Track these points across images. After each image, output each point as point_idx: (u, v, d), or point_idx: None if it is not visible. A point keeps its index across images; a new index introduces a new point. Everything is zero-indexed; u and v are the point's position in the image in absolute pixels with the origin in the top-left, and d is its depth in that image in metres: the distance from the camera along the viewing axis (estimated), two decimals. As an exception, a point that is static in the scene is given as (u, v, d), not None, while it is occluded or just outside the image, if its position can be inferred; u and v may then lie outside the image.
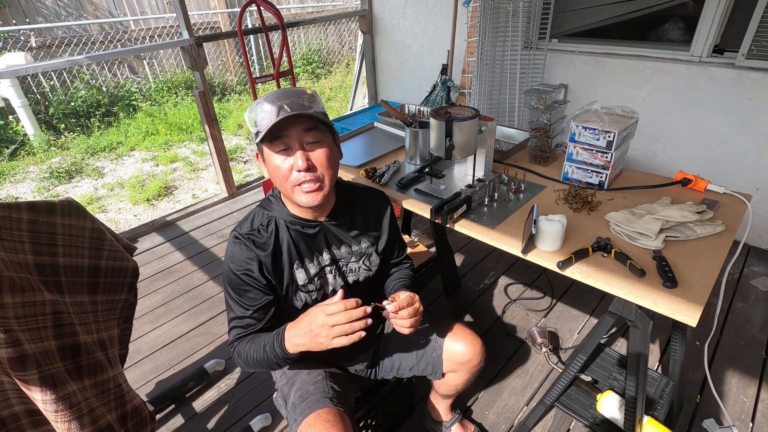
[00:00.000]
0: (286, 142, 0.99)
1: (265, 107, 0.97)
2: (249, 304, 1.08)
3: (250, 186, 3.46)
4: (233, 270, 1.06)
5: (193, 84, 5.74)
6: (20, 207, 0.96)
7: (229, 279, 1.07)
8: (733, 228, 1.20)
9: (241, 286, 1.06)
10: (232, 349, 1.10)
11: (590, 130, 1.34)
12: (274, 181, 1.05)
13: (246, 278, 1.05)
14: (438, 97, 2.93)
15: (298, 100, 0.98)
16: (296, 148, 0.99)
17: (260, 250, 1.05)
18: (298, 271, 1.10)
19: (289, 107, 0.96)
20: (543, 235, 1.13)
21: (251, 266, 1.05)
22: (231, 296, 1.09)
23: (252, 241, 1.06)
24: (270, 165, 1.02)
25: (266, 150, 1.01)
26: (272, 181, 1.05)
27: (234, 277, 1.06)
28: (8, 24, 4.91)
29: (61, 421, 0.87)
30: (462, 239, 2.64)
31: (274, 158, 1.01)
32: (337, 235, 1.14)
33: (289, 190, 1.03)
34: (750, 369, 1.77)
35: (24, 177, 4.03)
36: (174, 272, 2.53)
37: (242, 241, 1.06)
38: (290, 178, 1.00)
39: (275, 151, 1.00)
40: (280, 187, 1.05)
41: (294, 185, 1.01)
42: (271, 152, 1.00)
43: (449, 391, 1.33)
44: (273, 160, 1.01)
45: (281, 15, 2.72)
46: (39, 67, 2.56)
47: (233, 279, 1.07)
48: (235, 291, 1.08)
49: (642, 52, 2.48)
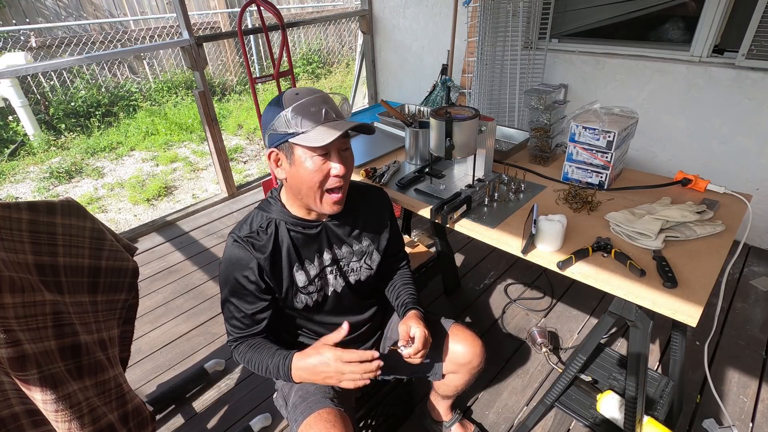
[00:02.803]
0: (328, 148, 0.98)
1: (306, 110, 0.95)
2: (247, 307, 1.08)
3: (250, 186, 3.46)
4: (231, 273, 1.05)
5: (193, 84, 5.74)
6: (20, 207, 0.96)
7: (227, 282, 1.07)
8: (733, 228, 1.20)
9: (240, 290, 1.06)
10: (232, 348, 1.11)
11: (590, 130, 1.34)
12: (302, 185, 1.01)
13: (244, 281, 1.05)
14: (438, 97, 2.93)
15: (335, 106, 1.01)
16: (335, 155, 0.99)
17: (259, 252, 1.04)
18: (298, 273, 1.09)
19: (332, 112, 0.98)
20: (543, 235, 1.13)
21: (250, 270, 1.04)
22: (228, 298, 1.08)
23: (251, 244, 1.04)
24: (302, 168, 0.98)
25: (302, 153, 0.97)
26: (296, 185, 1.02)
27: (232, 280, 1.06)
28: (8, 24, 4.91)
29: (61, 420, 0.87)
30: (462, 239, 2.64)
31: (310, 162, 0.98)
32: (338, 235, 1.14)
33: (317, 195, 1.02)
34: (750, 369, 1.77)
35: (24, 177, 4.03)
36: (174, 272, 2.53)
37: (241, 244, 1.04)
38: (325, 183, 1.01)
39: (312, 155, 0.97)
40: (308, 191, 1.01)
41: (325, 191, 1.02)
42: (307, 156, 0.97)
43: (449, 391, 1.32)
44: (308, 164, 0.98)
45: (281, 15, 2.71)
46: (39, 67, 2.56)
47: (231, 282, 1.06)
48: (232, 294, 1.07)
49: (642, 52, 2.48)
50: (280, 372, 1.04)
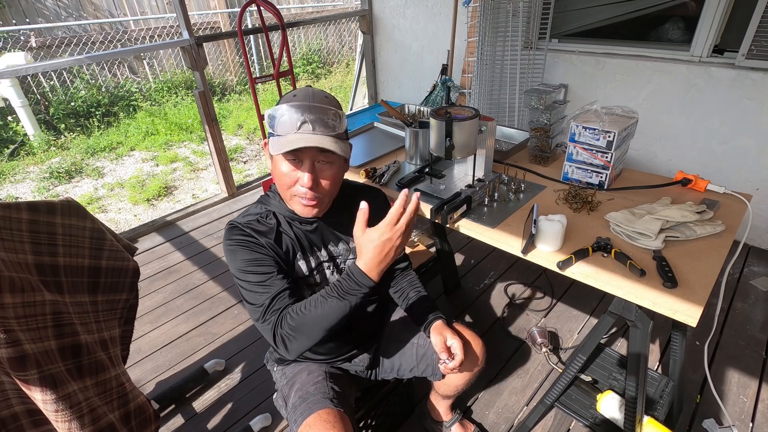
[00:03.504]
0: (299, 156, 0.97)
1: (289, 115, 0.95)
2: (268, 269, 1.00)
3: (250, 186, 3.46)
4: (238, 247, 1.01)
5: (193, 84, 5.74)
6: (20, 207, 0.96)
7: (244, 263, 1.00)
8: (733, 228, 1.20)
9: (262, 262, 1.00)
10: (277, 327, 0.96)
11: (590, 130, 1.34)
12: (277, 181, 1.04)
13: (264, 251, 1.01)
14: (438, 97, 2.93)
15: (323, 117, 0.96)
16: (307, 166, 0.97)
17: (263, 237, 1.04)
18: (300, 262, 1.09)
19: (312, 124, 0.94)
20: (543, 235, 1.13)
21: (260, 243, 1.02)
22: (255, 281, 0.99)
23: (252, 229, 1.04)
24: (276, 168, 1.01)
25: (275, 154, 0.97)
26: (275, 181, 1.05)
27: (247, 259, 1.00)
28: (8, 24, 4.91)
29: (61, 420, 0.87)
30: (462, 239, 2.64)
31: (281, 165, 0.99)
32: (334, 232, 1.14)
33: (287, 196, 1.04)
34: (750, 369, 1.77)
35: (24, 177, 4.03)
36: (174, 272, 2.53)
37: (242, 229, 1.04)
38: (292, 188, 1.01)
39: (285, 159, 0.98)
40: (280, 190, 1.05)
41: (294, 195, 1.02)
42: (280, 158, 0.98)
43: (449, 391, 1.33)
44: (280, 166, 0.99)
45: (281, 15, 2.72)
46: (39, 67, 2.56)
47: (250, 259, 1.00)
48: (257, 273, 1.00)
49: (642, 52, 2.48)
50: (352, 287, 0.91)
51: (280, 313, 0.97)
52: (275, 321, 0.96)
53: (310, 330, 0.94)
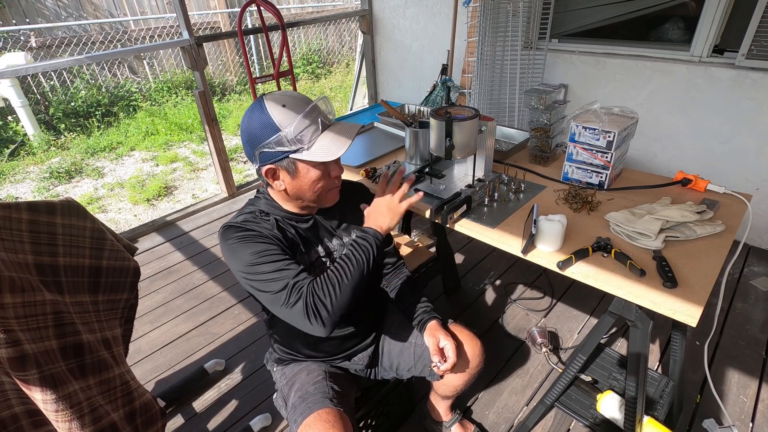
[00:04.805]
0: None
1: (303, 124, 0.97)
2: (293, 261, 1.01)
3: (249, 186, 3.46)
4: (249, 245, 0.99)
5: (193, 84, 5.74)
6: (20, 207, 0.96)
7: (253, 256, 0.98)
8: (733, 228, 1.20)
9: (271, 251, 0.99)
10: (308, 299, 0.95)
11: (590, 130, 1.34)
12: (305, 192, 1.05)
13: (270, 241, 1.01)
14: (438, 97, 2.93)
15: (326, 109, 1.04)
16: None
17: (265, 230, 1.04)
18: (300, 257, 1.10)
19: (324, 117, 1.03)
20: (543, 235, 1.13)
21: (264, 235, 1.02)
22: (269, 270, 0.98)
23: (253, 223, 1.05)
24: (305, 179, 1.02)
25: (304, 165, 1.00)
26: (297, 193, 1.06)
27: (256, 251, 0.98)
28: (8, 24, 4.90)
29: (61, 420, 0.87)
30: (462, 239, 2.64)
31: (313, 172, 1.02)
32: (327, 228, 1.16)
33: (316, 193, 1.06)
34: (750, 369, 1.77)
35: (24, 177, 4.03)
36: (174, 272, 2.53)
37: (240, 225, 1.03)
38: (324, 185, 1.06)
39: (317, 166, 1.02)
40: (311, 195, 1.06)
41: (328, 190, 1.08)
42: (310, 167, 1.01)
43: (449, 392, 1.33)
44: (312, 174, 1.02)
45: (281, 15, 2.72)
46: (39, 67, 2.56)
47: (258, 251, 0.98)
48: (269, 262, 0.98)
49: (642, 52, 2.47)
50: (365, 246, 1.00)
51: (307, 287, 0.96)
52: (304, 294, 0.95)
53: (339, 292, 0.95)
